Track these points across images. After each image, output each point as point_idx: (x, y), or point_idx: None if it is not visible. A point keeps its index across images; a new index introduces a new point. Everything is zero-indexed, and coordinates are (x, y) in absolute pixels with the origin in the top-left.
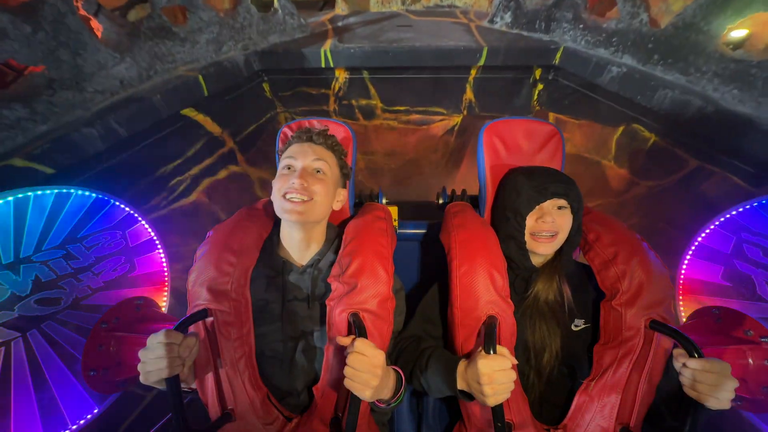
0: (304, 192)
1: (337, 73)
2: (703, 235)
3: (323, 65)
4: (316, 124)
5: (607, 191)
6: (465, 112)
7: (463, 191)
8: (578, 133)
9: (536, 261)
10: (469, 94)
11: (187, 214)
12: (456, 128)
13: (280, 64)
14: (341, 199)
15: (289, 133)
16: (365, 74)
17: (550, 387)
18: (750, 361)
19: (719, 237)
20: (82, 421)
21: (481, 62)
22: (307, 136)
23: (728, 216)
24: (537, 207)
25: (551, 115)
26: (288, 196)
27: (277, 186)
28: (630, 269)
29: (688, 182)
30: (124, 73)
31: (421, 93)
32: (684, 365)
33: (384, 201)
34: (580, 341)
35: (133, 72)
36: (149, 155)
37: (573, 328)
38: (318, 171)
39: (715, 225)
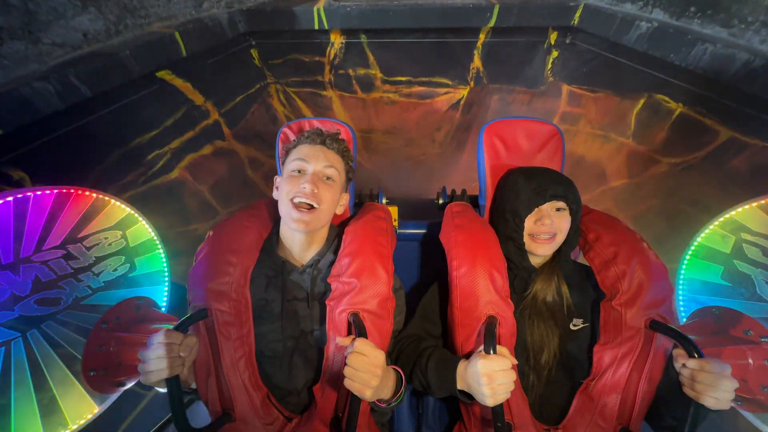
0: (313, 198)
1: (332, 36)
2: (703, 235)
3: (316, 26)
4: (317, 123)
5: (622, 172)
6: (472, 84)
7: (463, 191)
8: (594, 107)
9: (535, 261)
10: (476, 62)
11: (169, 192)
12: (462, 102)
13: (268, 25)
14: (344, 203)
15: (290, 134)
16: (363, 38)
17: (550, 387)
18: (750, 361)
19: (719, 237)
20: (82, 421)
21: (492, 23)
22: (320, 139)
23: (728, 216)
24: (536, 209)
25: (564, 87)
26: (296, 200)
27: (286, 189)
28: (630, 269)
29: (717, 157)
30: (88, 25)
31: (424, 61)
32: (684, 365)
33: (384, 201)
34: (579, 341)
35: (98, 25)
36: (121, 121)
37: (572, 327)
38: (328, 178)
39: (715, 225)
